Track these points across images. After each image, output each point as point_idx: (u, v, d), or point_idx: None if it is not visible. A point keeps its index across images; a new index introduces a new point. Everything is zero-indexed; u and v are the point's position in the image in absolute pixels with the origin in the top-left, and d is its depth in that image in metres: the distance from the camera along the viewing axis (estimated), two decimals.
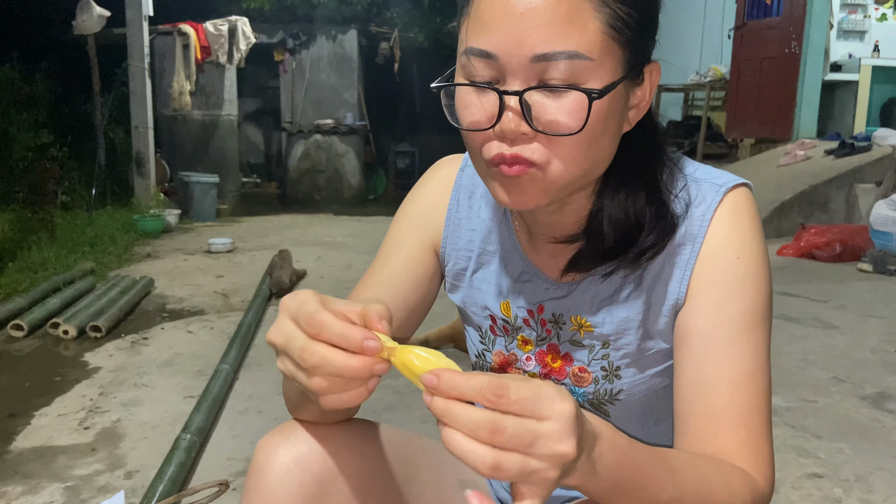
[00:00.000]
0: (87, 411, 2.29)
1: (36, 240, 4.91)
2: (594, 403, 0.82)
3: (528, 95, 0.64)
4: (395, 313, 0.83)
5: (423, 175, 0.92)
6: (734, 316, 0.71)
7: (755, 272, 0.72)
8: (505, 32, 0.63)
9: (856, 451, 1.97)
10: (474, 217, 0.86)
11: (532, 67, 0.63)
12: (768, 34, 7.20)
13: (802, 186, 5.74)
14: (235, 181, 8.79)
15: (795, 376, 2.55)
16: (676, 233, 0.74)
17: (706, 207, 0.74)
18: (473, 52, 0.65)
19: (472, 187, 0.87)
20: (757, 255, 0.73)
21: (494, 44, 0.64)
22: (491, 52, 0.64)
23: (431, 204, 0.88)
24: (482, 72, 0.66)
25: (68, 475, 1.85)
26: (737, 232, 0.73)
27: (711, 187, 0.74)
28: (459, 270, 0.88)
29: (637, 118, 0.72)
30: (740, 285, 0.72)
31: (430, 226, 0.88)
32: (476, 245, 0.86)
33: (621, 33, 0.65)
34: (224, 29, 8.05)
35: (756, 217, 0.75)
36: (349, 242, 6.00)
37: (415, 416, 2.23)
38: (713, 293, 0.72)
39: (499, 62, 0.64)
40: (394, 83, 10.25)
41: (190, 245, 5.77)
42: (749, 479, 0.68)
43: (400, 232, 0.88)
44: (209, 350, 2.92)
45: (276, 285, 3.91)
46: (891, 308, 3.53)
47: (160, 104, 7.96)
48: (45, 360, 2.83)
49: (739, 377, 0.70)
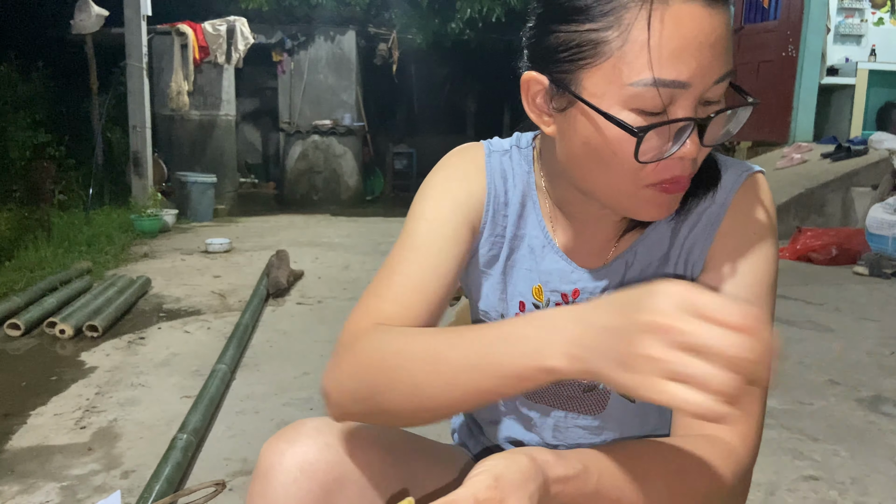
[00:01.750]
0: (84, 411, 2.29)
1: (33, 239, 4.90)
2: None
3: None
4: (447, 289, 0.81)
5: (451, 156, 0.89)
6: (744, 286, 0.75)
7: (767, 250, 0.76)
8: (699, 62, 0.64)
9: (851, 453, 1.97)
10: (510, 204, 0.86)
11: (712, 90, 0.66)
12: (765, 38, 7.22)
13: (799, 190, 5.75)
14: (233, 181, 8.79)
15: (791, 379, 2.56)
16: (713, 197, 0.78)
17: (729, 188, 0.78)
18: (664, 84, 0.65)
19: (503, 173, 0.86)
20: (769, 235, 0.77)
21: (689, 73, 0.64)
22: (686, 81, 0.65)
23: (471, 186, 0.85)
24: (658, 101, 0.65)
25: (64, 475, 1.85)
26: (754, 212, 0.77)
27: (735, 171, 0.79)
28: (493, 256, 0.87)
29: None
30: (753, 259, 0.76)
31: (470, 205, 0.84)
32: (508, 231, 0.86)
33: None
34: (222, 29, 8.04)
35: (771, 201, 0.79)
36: (347, 243, 6.00)
37: None
38: (727, 263, 0.76)
39: (689, 90, 0.65)
40: (392, 84, 10.25)
41: (187, 245, 5.76)
42: (726, 451, 0.70)
43: (442, 207, 0.83)
44: (206, 350, 2.92)
45: (273, 285, 3.91)
46: (886, 311, 3.54)
47: (158, 104, 7.95)
48: (42, 359, 2.82)
49: None
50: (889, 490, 1.77)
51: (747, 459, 0.72)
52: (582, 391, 0.84)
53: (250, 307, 3.45)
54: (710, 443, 0.70)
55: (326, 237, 6.40)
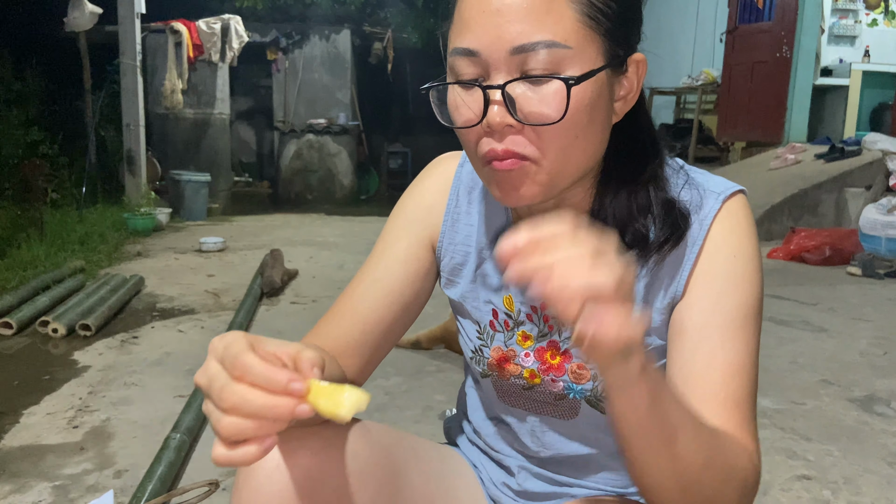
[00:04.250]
0: (77, 410, 2.28)
1: (25, 237, 4.88)
2: (591, 401, 0.83)
3: (511, 88, 0.66)
4: (390, 308, 0.85)
5: (422, 171, 0.93)
6: (728, 311, 0.73)
7: (750, 272, 0.75)
8: (484, 29, 0.65)
9: (844, 453, 1.98)
10: (474, 212, 0.87)
11: (512, 60, 0.65)
12: (760, 38, 7.24)
13: (792, 190, 5.77)
14: (227, 180, 8.76)
15: (785, 379, 2.57)
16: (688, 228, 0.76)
17: (706, 213, 0.76)
18: (458, 52, 0.68)
19: (472, 183, 0.88)
20: (752, 257, 0.75)
21: (475, 41, 0.66)
22: (473, 49, 0.66)
23: (430, 199, 0.89)
24: (467, 70, 0.68)
25: (57, 474, 1.84)
26: (734, 235, 0.75)
27: (711, 195, 0.77)
28: (457, 265, 0.88)
29: (625, 109, 0.74)
30: (736, 282, 0.74)
31: (428, 222, 0.88)
32: (476, 240, 0.87)
33: (599, 22, 0.67)
34: (217, 27, 8.02)
35: (752, 222, 0.78)
36: (341, 242, 6.00)
37: (405, 417, 2.22)
38: (710, 288, 0.74)
39: (481, 58, 0.66)
40: (387, 83, 10.25)
41: (181, 244, 5.75)
42: (749, 453, 0.70)
43: (396, 227, 0.89)
44: (200, 349, 2.91)
45: (267, 285, 3.90)
46: (879, 311, 3.55)
47: (152, 102, 7.92)
48: (34, 358, 2.81)
49: (732, 368, 0.71)
50: (881, 489, 1.78)
51: (758, 478, 0.71)
52: (554, 399, 0.85)
53: (244, 306, 3.45)
54: (741, 444, 0.70)
55: (321, 236, 6.39)
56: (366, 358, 0.86)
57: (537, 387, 0.85)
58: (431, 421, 2.19)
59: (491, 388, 0.89)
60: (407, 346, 2.90)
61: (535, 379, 0.84)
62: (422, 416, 2.24)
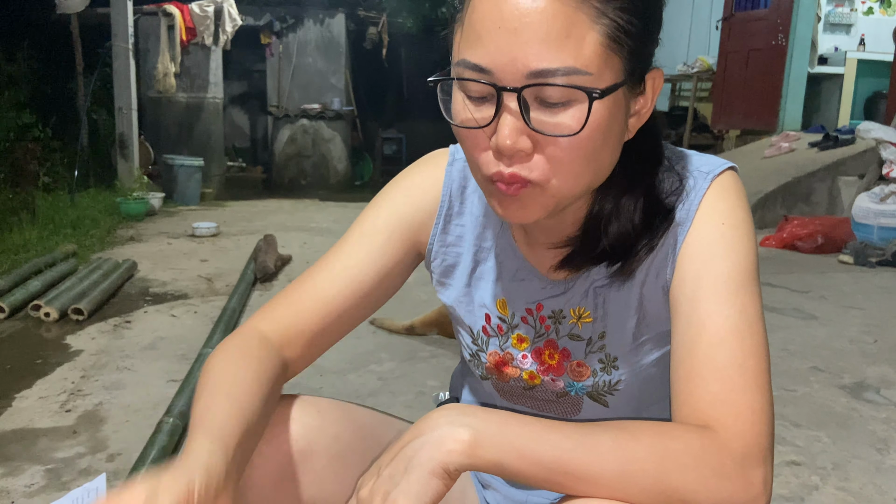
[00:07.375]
0: (69, 394, 2.28)
1: (17, 221, 4.85)
2: (593, 395, 0.82)
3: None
4: (354, 299, 0.83)
5: (410, 168, 0.90)
6: (718, 276, 0.70)
7: (740, 237, 0.71)
8: (498, 47, 0.61)
9: (833, 439, 2.00)
10: (465, 213, 0.85)
11: (527, 83, 0.61)
12: (756, 26, 7.23)
13: (786, 178, 5.78)
14: (220, 165, 8.72)
15: (775, 366, 2.58)
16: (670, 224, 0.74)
17: (695, 195, 0.73)
18: (467, 66, 0.63)
19: (463, 181, 0.85)
20: (742, 222, 0.72)
21: (488, 59, 0.61)
22: (485, 67, 0.62)
23: (419, 199, 0.86)
24: (476, 86, 0.64)
25: (49, 458, 1.84)
26: (723, 203, 0.73)
27: (700, 175, 0.74)
28: (448, 266, 0.87)
29: (637, 126, 0.71)
30: (724, 248, 0.71)
31: (414, 221, 0.85)
32: (469, 242, 0.85)
33: (622, 44, 0.62)
34: (210, 10, 7.95)
35: (742, 193, 0.75)
36: (335, 228, 5.99)
37: (398, 402, 2.23)
38: (697, 258, 0.71)
39: (493, 77, 0.62)
40: (382, 69, 10.20)
41: (174, 228, 5.73)
42: (707, 440, 0.64)
43: (378, 218, 0.86)
44: (193, 334, 2.91)
45: (260, 270, 3.90)
46: (870, 300, 3.57)
47: (144, 86, 7.86)
48: (26, 342, 2.81)
49: (722, 333, 0.68)
50: (870, 475, 1.80)
51: (738, 455, 0.64)
52: (556, 397, 0.85)
53: (237, 292, 3.44)
54: (693, 435, 0.64)
55: (315, 222, 6.38)
56: (316, 347, 0.83)
57: (538, 387, 0.85)
58: (424, 406, 2.20)
59: (493, 389, 0.89)
60: (401, 331, 2.90)
61: (535, 380, 0.84)
62: (415, 401, 2.24)
